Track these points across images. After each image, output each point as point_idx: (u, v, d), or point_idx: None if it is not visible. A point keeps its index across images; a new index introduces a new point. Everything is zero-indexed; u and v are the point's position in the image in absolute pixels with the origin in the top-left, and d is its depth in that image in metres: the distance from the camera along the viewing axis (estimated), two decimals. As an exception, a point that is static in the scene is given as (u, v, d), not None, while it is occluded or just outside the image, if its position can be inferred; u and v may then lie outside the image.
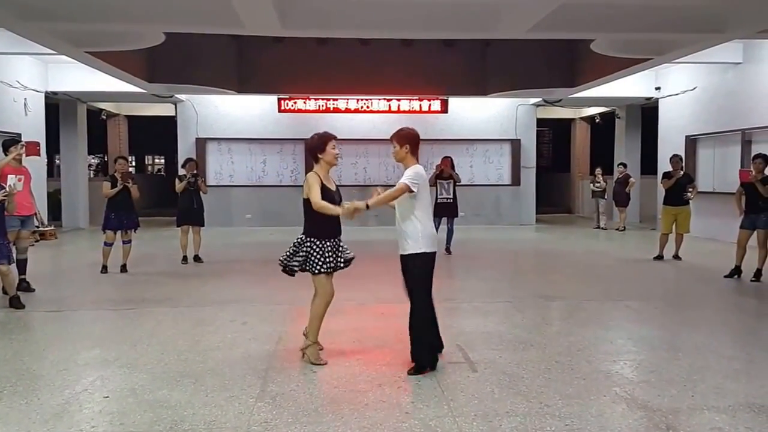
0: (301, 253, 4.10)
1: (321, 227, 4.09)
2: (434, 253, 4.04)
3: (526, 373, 3.99)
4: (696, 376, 3.93)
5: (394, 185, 4.04)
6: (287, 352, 4.47)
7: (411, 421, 3.25)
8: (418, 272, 4.00)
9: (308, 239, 4.10)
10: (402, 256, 4.06)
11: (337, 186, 4.27)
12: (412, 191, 3.93)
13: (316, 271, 4.06)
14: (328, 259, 4.08)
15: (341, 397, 3.60)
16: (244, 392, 3.66)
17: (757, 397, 3.58)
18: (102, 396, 3.63)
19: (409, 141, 4.11)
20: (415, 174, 3.97)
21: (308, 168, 13.95)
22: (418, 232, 3.97)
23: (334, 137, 4.21)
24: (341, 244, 4.23)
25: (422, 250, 3.97)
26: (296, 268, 4.13)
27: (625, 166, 13.93)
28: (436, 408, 3.42)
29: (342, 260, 4.19)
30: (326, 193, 4.07)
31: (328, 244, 4.10)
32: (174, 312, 5.83)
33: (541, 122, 16.76)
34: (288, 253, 4.17)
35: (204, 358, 4.33)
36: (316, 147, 4.17)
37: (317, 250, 4.07)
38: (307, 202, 4.08)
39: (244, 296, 6.57)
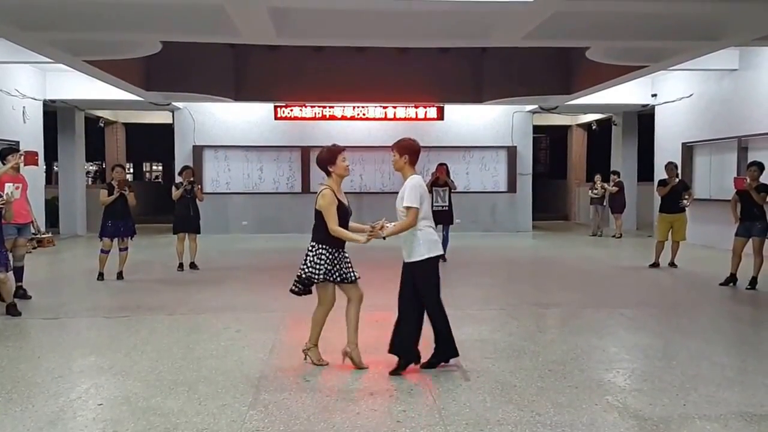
0: (311, 261, 4.10)
1: (332, 237, 4.13)
2: (439, 256, 4.17)
3: (518, 382, 4.00)
4: (689, 385, 3.94)
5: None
6: (280, 360, 4.48)
7: (402, 429, 3.26)
8: (427, 277, 4.10)
9: (319, 246, 4.13)
10: (407, 263, 4.16)
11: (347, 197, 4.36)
12: (417, 208, 4.04)
13: (321, 279, 4.09)
14: (336, 268, 4.13)
15: (333, 405, 3.61)
16: (236, 400, 3.67)
17: (749, 406, 3.59)
18: (96, 403, 3.65)
19: (408, 151, 4.20)
20: (415, 190, 4.04)
21: (305, 175, 14.25)
22: (420, 240, 4.08)
23: (344, 149, 4.28)
24: (347, 258, 4.26)
25: (427, 256, 4.07)
26: (308, 276, 4.09)
27: (618, 174, 14.11)
28: (427, 416, 3.43)
29: (351, 275, 4.22)
30: (340, 208, 4.15)
31: (337, 254, 4.16)
32: (169, 320, 5.84)
33: (537, 129, 16.82)
34: (301, 268, 4.15)
35: (198, 366, 4.34)
36: (327, 160, 4.24)
37: (327, 257, 4.11)
38: (319, 214, 4.15)
39: (239, 304, 6.58)
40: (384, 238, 4.10)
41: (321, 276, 4.10)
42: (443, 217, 9.56)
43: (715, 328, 5.65)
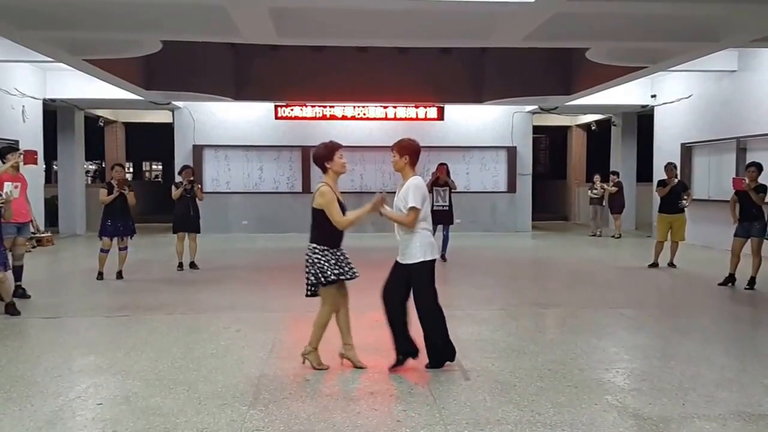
0: (322, 264, 4.05)
1: (332, 236, 4.12)
2: (435, 260, 4.17)
3: (518, 381, 4.01)
4: (688, 385, 3.95)
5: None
6: (280, 360, 4.48)
7: (402, 429, 3.27)
8: (424, 280, 4.12)
9: (321, 248, 4.09)
10: (403, 265, 4.16)
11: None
12: (419, 209, 4.06)
13: (330, 280, 4.05)
14: (344, 266, 4.13)
15: (333, 404, 3.61)
16: (236, 400, 3.67)
17: (748, 405, 3.60)
18: (95, 403, 3.64)
19: (409, 152, 4.21)
20: (418, 191, 4.06)
21: (305, 175, 14.26)
22: (417, 243, 4.09)
23: (341, 146, 4.25)
24: (347, 256, 4.26)
25: (422, 260, 4.09)
26: (323, 281, 4.07)
27: (617, 174, 14.18)
28: (427, 416, 3.44)
29: (351, 271, 4.20)
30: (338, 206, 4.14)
31: (338, 253, 4.15)
32: (169, 319, 5.84)
33: (537, 129, 16.83)
34: (311, 273, 4.09)
35: (197, 366, 4.34)
36: (324, 156, 4.19)
37: (331, 257, 4.09)
38: (318, 213, 4.10)
39: (239, 303, 6.58)
40: (380, 213, 4.11)
41: (339, 276, 4.07)
42: (443, 217, 9.58)
43: (714, 328, 5.66)
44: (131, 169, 26.00)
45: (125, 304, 6.51)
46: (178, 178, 9.03)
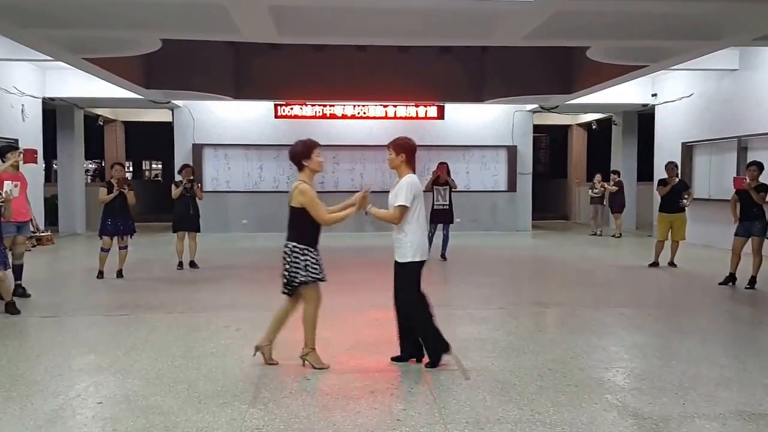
0: (301, 264, 4.05)
1: (312, 236, 4.12)
2: (424, 261, 4.20)
3: (518, 381, 4.01)
4: (688, 384, 3.95)
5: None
6: (280, 359, 4.47)
7: (402, 428, 3.27)
8: (408, 278, 4.17)
9: (302, 247, 4.06)
10: (396, 262, 4.22)
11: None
12: (408, 207, 4.08)
13: (313, 278, 4.06)
14: (320, 267, 4.12)
15: (333, 403, 3.61)
16: (236, 399, 3.67)
17: (748, 405, 3.60)
18: (95, 402, 3.64)
19: (405, 150, 4.23)
20: (410, 189, 4.09)
21: (305, 174, 14.22)
22: (408, 243, 4.12)
23: (319, 144, 4.23)
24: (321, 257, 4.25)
25: (413, 259, 4.13)
26: (301, 280, 4.06)
27: (618, 174, 14.16)
28: (427, 415, 3.43)
29: (323, 273, 4.18)
30: None
31: (318, 253, 4.14)
32: (169, 318, 5.84)
33: (537, 128, 16.81)
34: (289, 271, 4.07)
35: (197, 365, 4.34)
36: (301, 153, 4.14)
37: (309, 258, 4.08)
38: (298, 212, 4.08)
39: (239, 302, 6.58)
40: (366, 213, 4.14)
41: (321, 274, 4.09)
42: (444, 216, 9.58)
43: (715, 327, 5.66)
44: (131, 168, 25.99)
45: (125, 303, 6.51)
46: (177, 177, 9.04)
